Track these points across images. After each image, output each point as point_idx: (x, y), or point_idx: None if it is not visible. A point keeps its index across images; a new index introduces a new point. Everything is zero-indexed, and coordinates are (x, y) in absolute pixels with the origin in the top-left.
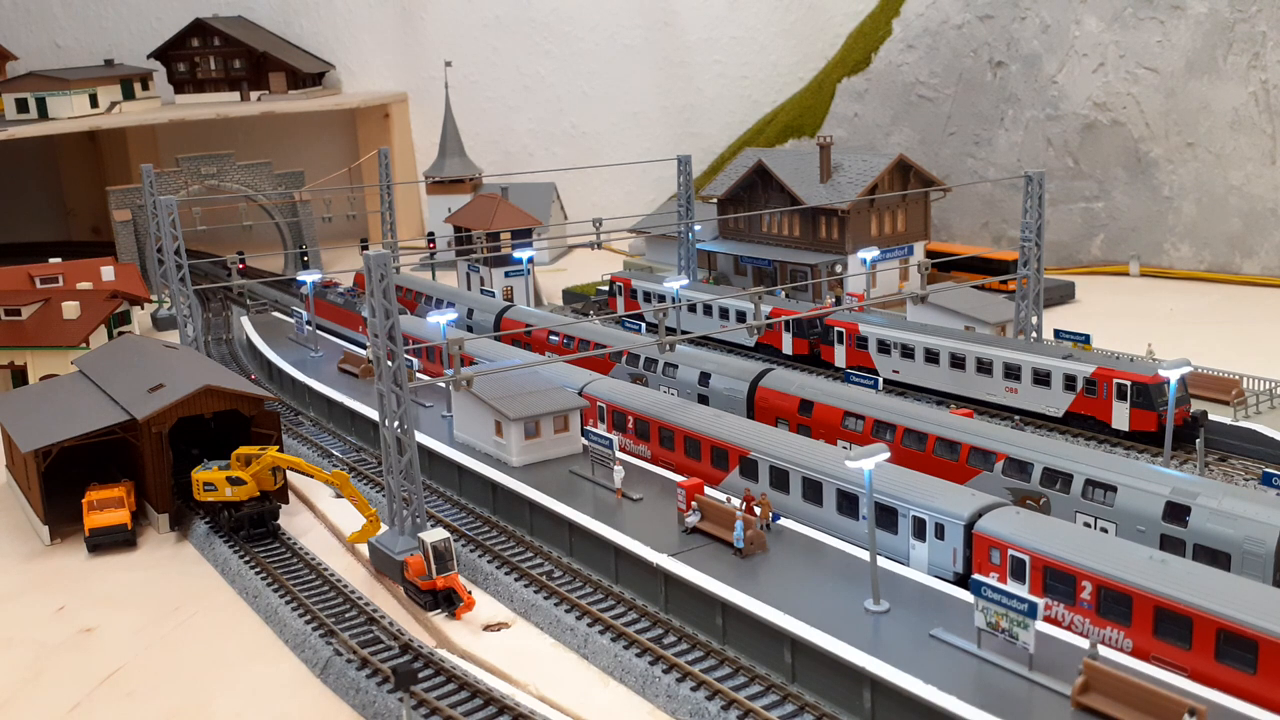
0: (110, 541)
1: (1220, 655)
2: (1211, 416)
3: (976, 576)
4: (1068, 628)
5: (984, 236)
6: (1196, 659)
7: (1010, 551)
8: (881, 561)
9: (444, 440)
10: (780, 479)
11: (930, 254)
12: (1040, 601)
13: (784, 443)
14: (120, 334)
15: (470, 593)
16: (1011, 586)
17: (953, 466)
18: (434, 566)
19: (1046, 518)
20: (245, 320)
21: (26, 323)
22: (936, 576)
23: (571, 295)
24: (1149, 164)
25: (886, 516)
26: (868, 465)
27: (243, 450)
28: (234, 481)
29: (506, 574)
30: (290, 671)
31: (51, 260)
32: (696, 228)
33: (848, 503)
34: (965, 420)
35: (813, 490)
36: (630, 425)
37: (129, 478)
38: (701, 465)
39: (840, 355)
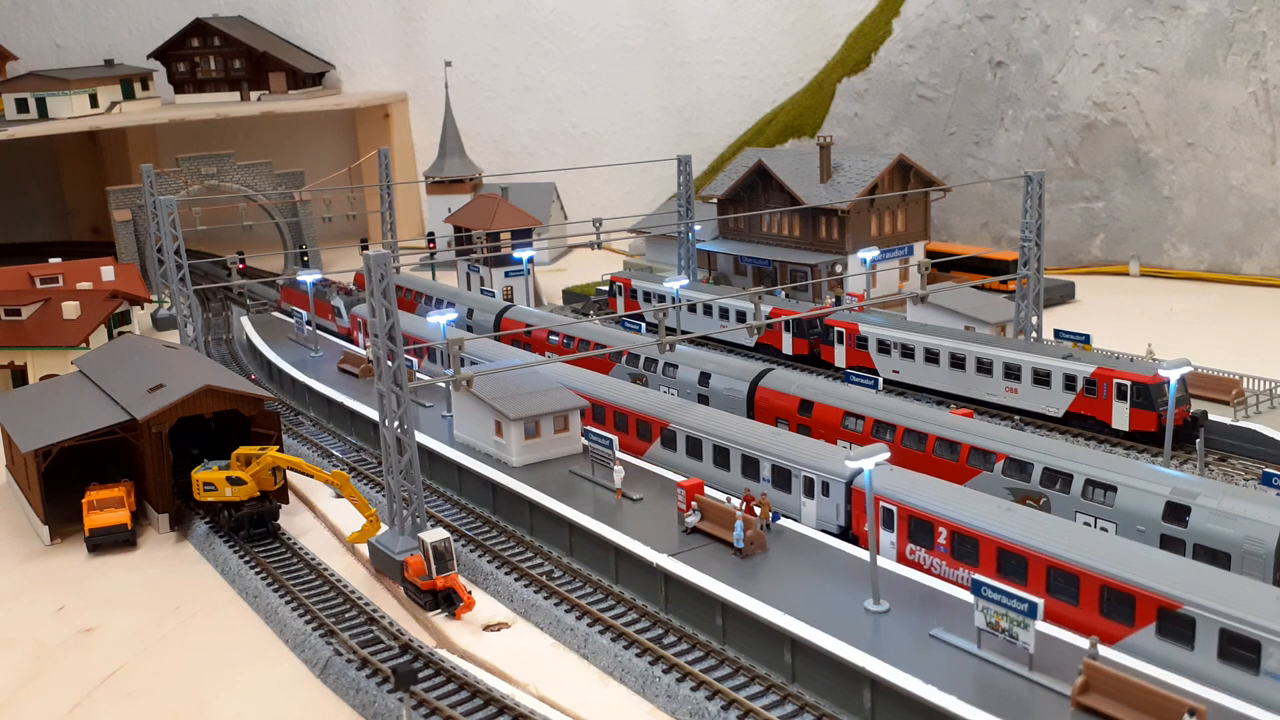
0: (110, 541)
1: (1050, 589)
2: (1211, 416)
3: (870, 535)
4: (928, 571)
5: (984, 236)
6: (1031, 592)
7: (881, 503)
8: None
9: (444, 440)
10: (694, 447)
11: (930, 254)
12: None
13: (696, 414)
14: (120, 334)
15: (470, 593)
16: (882, 534)
17: (953, 466)
18: (434, 566)
19: (917, 474)
20: (245, 320)
21: (26, 323)
22: (823, 530)
23: (571, 295)
24: (1149, 164)
25: (782, 477)
26: (868, 465)
27: (243, 450)
28: (234, 481)
29: (506, 574)
30: (290, 671)
31: (51, 260)
32: (696, 228)
33: (750, 466)
34: (965, 420)
35: (721, 456)
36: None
37: (129, 478)
38: (628, 438)
39: (840, 355)
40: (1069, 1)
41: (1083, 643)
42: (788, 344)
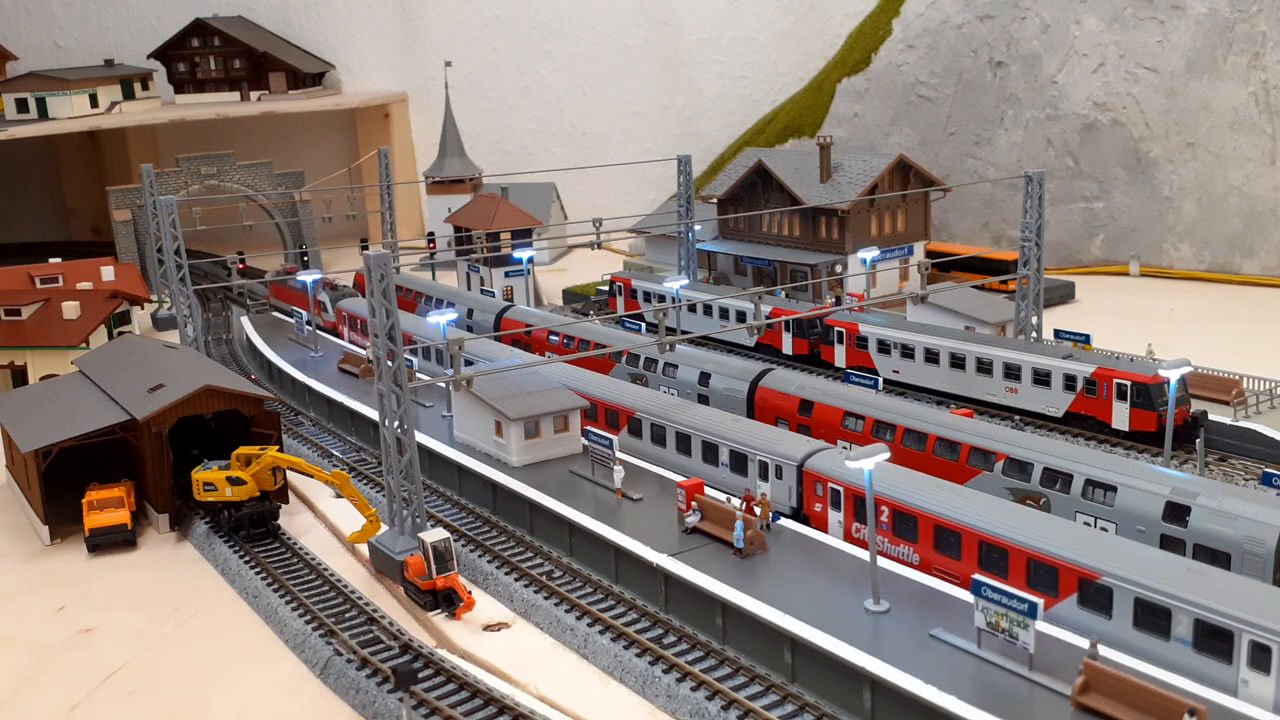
0: (110, 541)
1: (982, 563)
2: (1211, 416)
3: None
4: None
5: (984, 236)
6: (965, 567)
7: (830, 484)
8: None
9: (444, 440)
10: (658, 434)
11: (930, 254)
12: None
13: (660, 403)
14: (120, 334)
15: (470, 593)
16: (830, 514)
17: (953, 466)
18: (434, 566)
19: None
20: (245, 320)
21: (26, 323)
22: (776, 512)
23: (571, 295)
24: (1149, 164)
25: (739, 462)
26: (868, 465)
27: (243, 450)
28: (234, 481)
29: (506, 574)
30: (290, 671)
31: (51, 260)
32: (696, 228)
33: (710, 452)
34: (965, 420)
35: (684, 442)
36: None
37: (129, 478)
38: (597, 426)
39: (840, 355)
40: (1069, 1)
41: (1083, 643)
42: (788, 344)
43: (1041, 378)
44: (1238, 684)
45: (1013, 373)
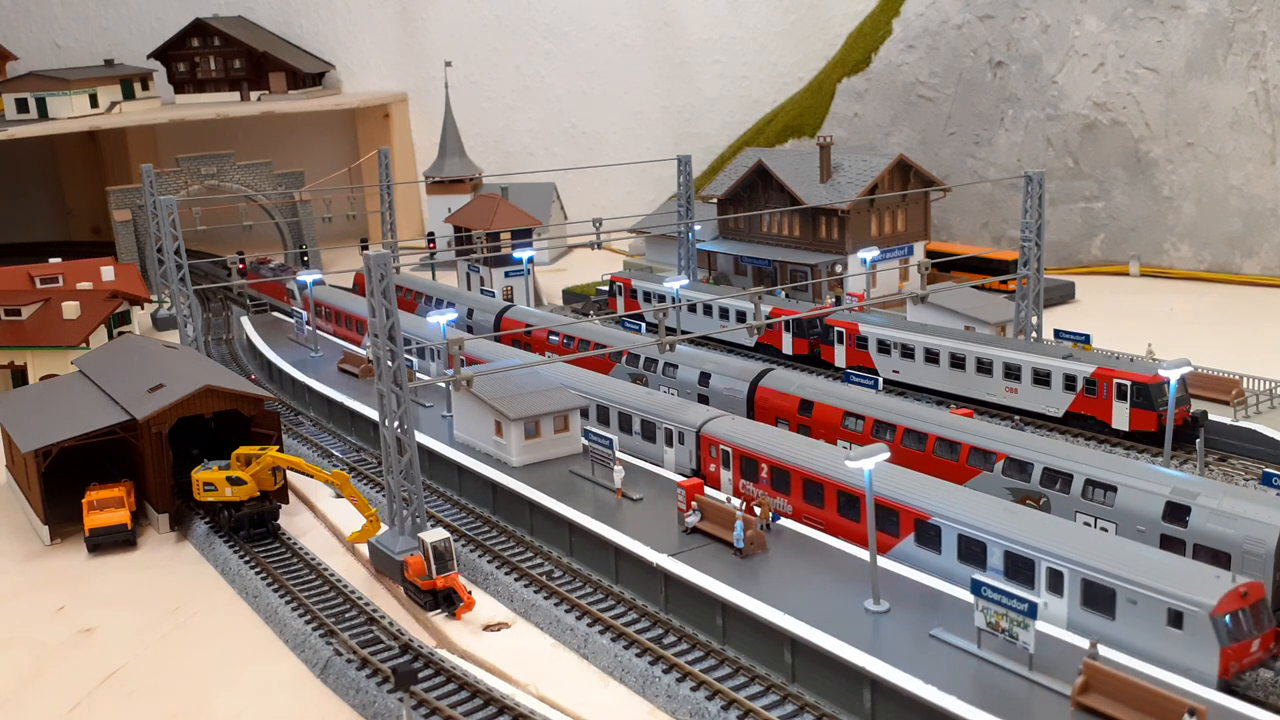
0: (110, 541)
1: (840, 509)
2: (1211, 416)
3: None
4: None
5: (984, 236)
6: (828, 514)
7: (721, 446)
8: (644, 465)
9: (444, 440)
10: (603, 414)
11: (930, 254)
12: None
13: (584, 379)
14: (120, 334)
15: (470, 593)
16: (722, 473)
17: (953, 466)
18: (434, 566)
19: (754, 423)
20: (245, 320)
21: (26, 323)
22: (679, 474)
23: (571, 295)
24: (1149, 164)
25: (648, 430)
26: (868, 465)
27: (243, 450)
28: (234, 481)
29: (506, 574)
30: (290, 671)
31: (51, 260)
32: (696, 228)
33: (625, 421)
34: (965, 420)
35: (603, 414)
36: None
37: (129, 478)
38: None
39: (840, 355)
40: (1069, 1)
41: (1083, 643)
42: (788, 344)
43: (1041, 378)
44: (1039, 606)
45: (1013, 373)
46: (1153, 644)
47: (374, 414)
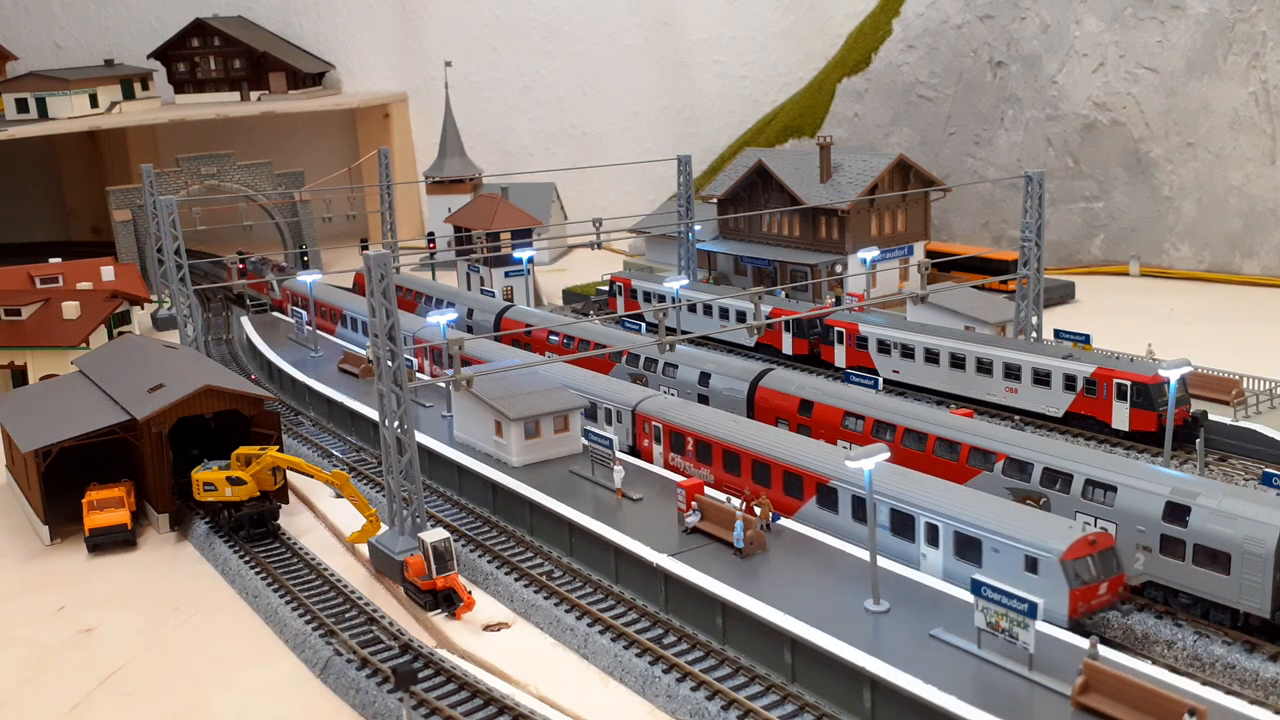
0: (110, 541)
1: (754, 477)
2: (1211, 416)
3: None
4: (683, 471)
5: (984, 236)
6: (744, 481)
7: (653, 423)
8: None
9: (444, 440)
10: None
11: (930, 254)
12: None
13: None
14: (120, 334)
15: (470, 593)
16: (654, 447)
17: (953, 466)
18: (434, 566)
19: (681, 401)
20: (245, 320)
21: (26, 323)
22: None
23: (571, 295)
24: (1149, 164)
25: (590, 411)
26: (868, 465)
27: (243, 450)
28: (234, 481)
29: (506, 574)
30: (290, 671)
31: (51, 260)
32: (696, 228)
33: (588, 410)
34: (965, 420)
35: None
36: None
37: (129, 478)
38: None
39: (840, 355)
40: (1069, 1)
41: (1083, 643)
42: (788, 344)
43: (1041, 378)
44: (919, 558)
45: (1013, 373)
46: (1014, 587)
47: (374, 414)
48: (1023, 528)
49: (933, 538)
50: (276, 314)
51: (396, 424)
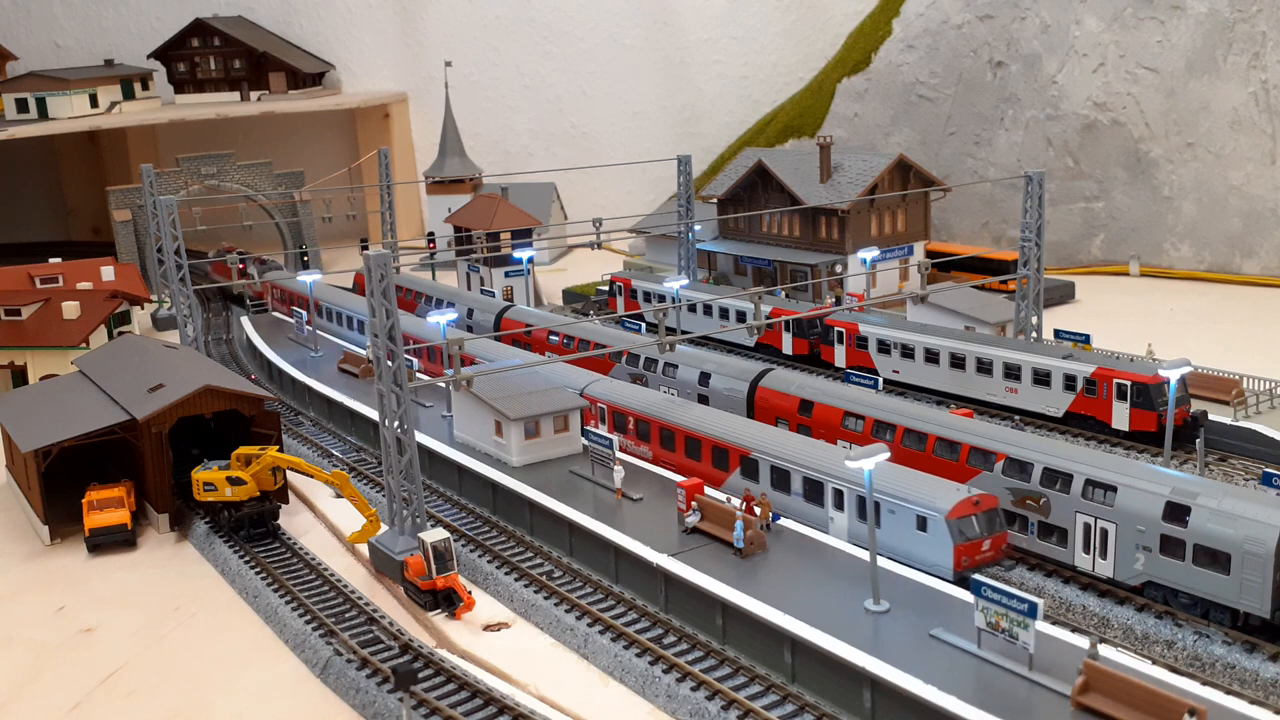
0: (110, 541)
1: (686, 451)
2: (1211, 416)
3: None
4: (627, 450)
5: (984, 236)
6: (678, 457)
7: (599, 404)
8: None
9: (444, 440)
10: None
11: (930, 254)
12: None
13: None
14: (120, 334)
15: (470, 593)
16: (598, 427)
17: (953, 466)
18: (434, 566)
19: (625, 384)
20: (245, 320)
21: (26, 323)
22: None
23: (571, 295)
24: (1149, 164)
25: None
26: (867, 465)
27: (243, 450)
28: (234, 481)
29: (506, 574)
30: (290, 671)
31: (51, 260)
32: (696, 228)
33: None
34: (965, 420)
35: None
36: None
37: (129, 478)
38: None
39: (840, 355)
40: (1069, 1)
41: (1083, 642)
42: (788, 344)
43: (1041, 378)
44: (828, 521)
45: (1013, 373)
46: (908, 544)
47: (374, 414)
48: (915, 491)
49: (839, 502)
50: (253, 303)
51: (396, 424)
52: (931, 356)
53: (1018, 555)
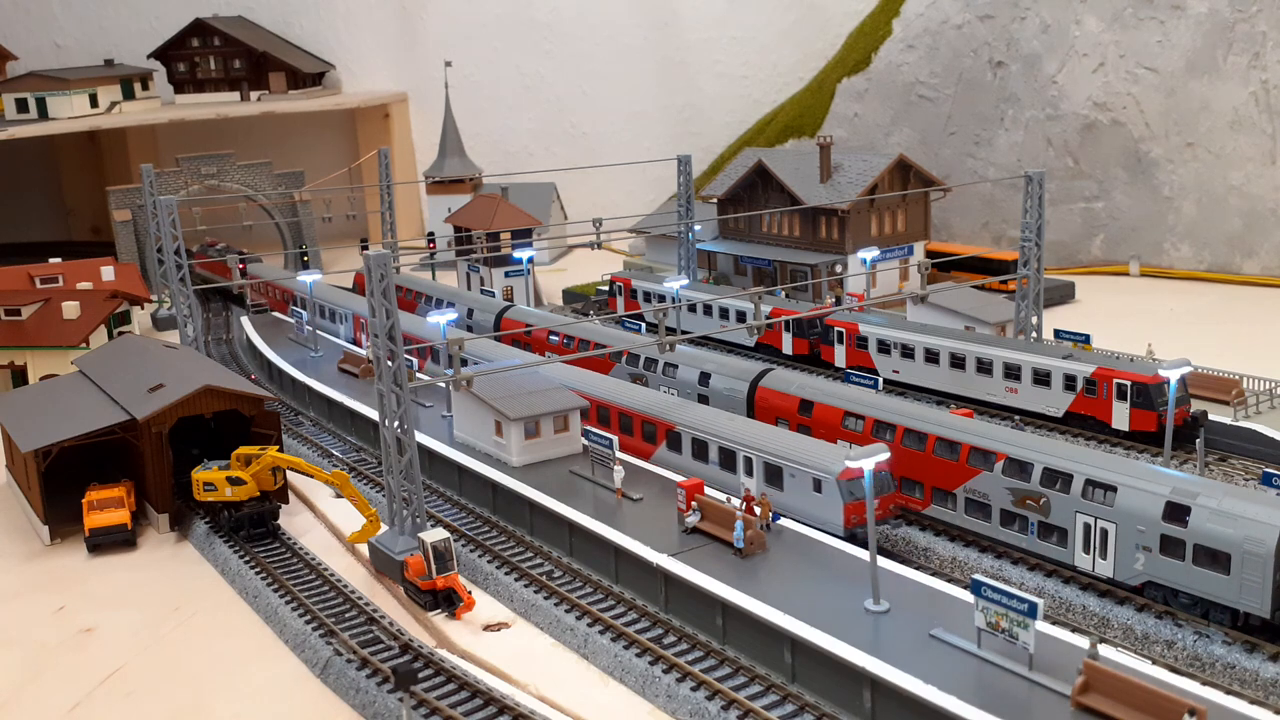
0: (110, 541)
1: (622, 429)
2: (1211, 416)
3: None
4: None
5: (984, 236)
6: (636, 441)
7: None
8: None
9: (444, 440)
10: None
11: (930, 254)
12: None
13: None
14: (120, 334)
15: (470, 593)
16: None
17: (953, 466)
18: (434, 566)
19: (586, 372)
20: (245, 320)
21: (26, 323)
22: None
23: (571, 295)
24: (1149, 164)
25: None
26: (867, 465)
27: (243, 450)
28: (234, 481)
29: (506, 574)
30: (290, 671)
31: (51, 260)
32: (696, 228)
33: None
34: (965, 420)
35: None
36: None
37: (129, 478)
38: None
39: (840, 355)
40: (1069, 1)
41: (1083, 642)
42: (788, 344)
43: (1041, 378)
44: (741, 486)
45: (1013, 373)
46: (806, 504)
47: (374, 414)
48: (811, 456)
49: (749, 468)
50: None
51: (396, 424)
52: (931, 356)
53: (911, 517)
